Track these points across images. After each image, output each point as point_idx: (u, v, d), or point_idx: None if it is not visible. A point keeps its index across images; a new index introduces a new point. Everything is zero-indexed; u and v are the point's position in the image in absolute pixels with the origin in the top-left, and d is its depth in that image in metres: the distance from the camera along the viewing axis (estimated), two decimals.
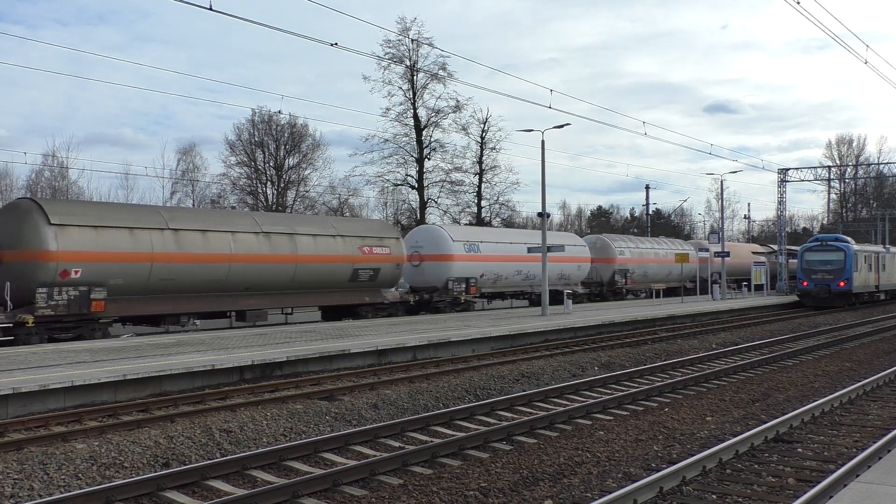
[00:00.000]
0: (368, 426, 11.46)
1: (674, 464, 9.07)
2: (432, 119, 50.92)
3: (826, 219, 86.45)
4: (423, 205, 51.43)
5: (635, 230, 78.90)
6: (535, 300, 35.61)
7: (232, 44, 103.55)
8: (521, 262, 33.95)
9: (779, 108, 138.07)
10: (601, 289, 41.00)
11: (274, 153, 58.28)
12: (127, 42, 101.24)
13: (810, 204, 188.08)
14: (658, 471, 8.88)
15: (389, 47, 48.11)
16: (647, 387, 14.95)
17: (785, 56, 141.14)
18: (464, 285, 30.58)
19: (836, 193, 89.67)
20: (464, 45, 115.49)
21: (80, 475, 9.08)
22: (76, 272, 19.16)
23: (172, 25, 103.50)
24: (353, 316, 26.83)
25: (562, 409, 12.80)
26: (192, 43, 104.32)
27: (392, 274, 27.69)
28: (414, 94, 50.11)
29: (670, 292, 45.59)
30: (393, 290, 28.10)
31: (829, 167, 66.56)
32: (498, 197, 55.07)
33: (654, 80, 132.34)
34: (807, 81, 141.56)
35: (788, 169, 50.17)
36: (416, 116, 50.46)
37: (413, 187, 51.88)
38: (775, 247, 58.15)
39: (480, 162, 53.88)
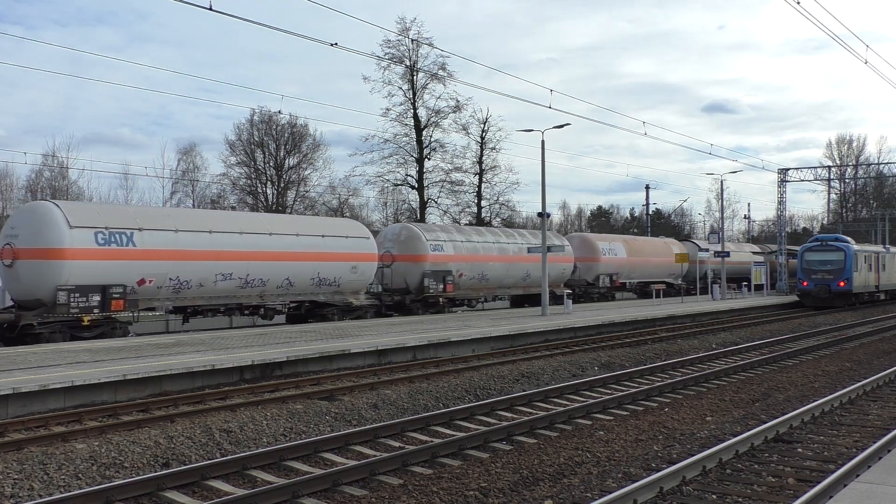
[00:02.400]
0: (368, 426, 11.46)
1: (674, 464, 9.07)
2: (432, 119, 50.93)
3: (826, 219, 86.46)
4: (423, 205, 51.43)
5: (635, 230, 78.87)
6: (279, 316, 25.25)
7: (231, 44, 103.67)
8: (230, 260, 22.27)
9: (776, 109, 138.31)
10: (404, 297, 28.93)
11: (274, 153, 58.32)
12: (125, 43, 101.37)
13: (810, 204, 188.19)
14: (658, 471, 8.88)
15: (389, 47, 48.12)
16: (647, 387, 14.95)
17: (782, 57, 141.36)
18: (97, 298, 19.16)
19: (836, 193, 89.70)
20: (462, 45, 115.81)
21: (80, 475, 9.07)
22: None
23: (171, 26, 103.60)
24: None
25: (562, 409, 12.80)
26: (190, 43, 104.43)
27: None
28: (414, 94, 50.11)
29: (515, 302, 36.24)
30: None
31: (829, 167, 66.56)
32: (498, 197, 55.07)
33: (652, 80, 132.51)
34: (804, 82, 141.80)
35: (788, 169, 50.21)
36: (416, 116, 50.45)
37: (413, 187, 51.87)
38: (702, 242, 49.56)
39: (480, 162, 53.87)
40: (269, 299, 23.81)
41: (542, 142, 28.99)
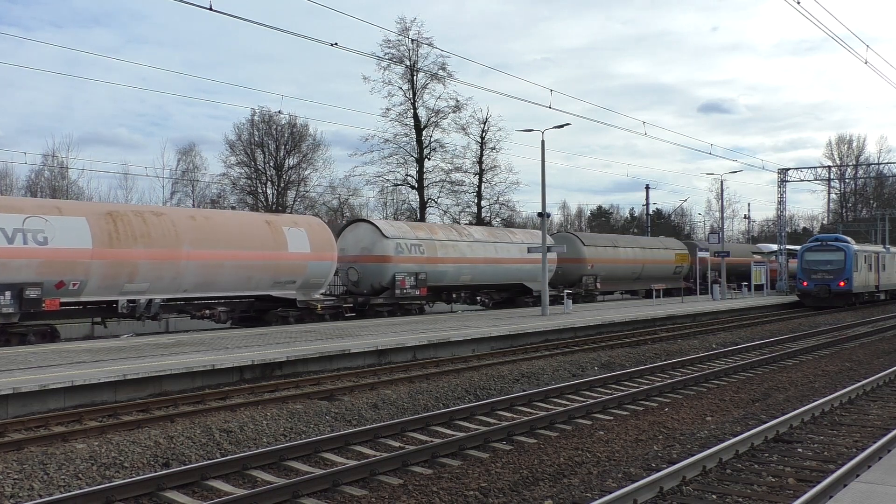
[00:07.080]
0: (368, 426, 11.45)
1: (674, 464, 9.06)
2: (432, 119, 50.96)
3: (826, 219, 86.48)
4: (423, 205, 51.44)
5: (635, 230, 78.85)
6: None
7: (228, 44, 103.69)
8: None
9: (771, 109, 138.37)
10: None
11: (274, 153, 58.35)
12: (122, 44, 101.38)
13: (810, 204, 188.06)
14: (658, 471, 8.88)
15: (389, 47, 48.15)
16: (647, 387, 14.95)
17: (776, 58, 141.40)
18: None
19: (835, 193, 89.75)
20: (457, 45, 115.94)
21: (80, 475, 9.07)
22: None
23: (168, 27, 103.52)
24: None
25: (562, 409, 12.80)
26: (188, 43, 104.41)
27: None
28: (414, 94, 50.13)
29: None
30: None
31: (829, 167, 66.54)
32: (498, 197, 55.10)
33: (647, 81, 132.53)
34: (798, 82, 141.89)
35: (788, 169, 50.20)
36: (416, 116, 50.47)
37: (413, 187, 51.89)
38: (386, 224, 30.58)
39: (480, 162, 53.89)
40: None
41: (543, 142, 28.99)
